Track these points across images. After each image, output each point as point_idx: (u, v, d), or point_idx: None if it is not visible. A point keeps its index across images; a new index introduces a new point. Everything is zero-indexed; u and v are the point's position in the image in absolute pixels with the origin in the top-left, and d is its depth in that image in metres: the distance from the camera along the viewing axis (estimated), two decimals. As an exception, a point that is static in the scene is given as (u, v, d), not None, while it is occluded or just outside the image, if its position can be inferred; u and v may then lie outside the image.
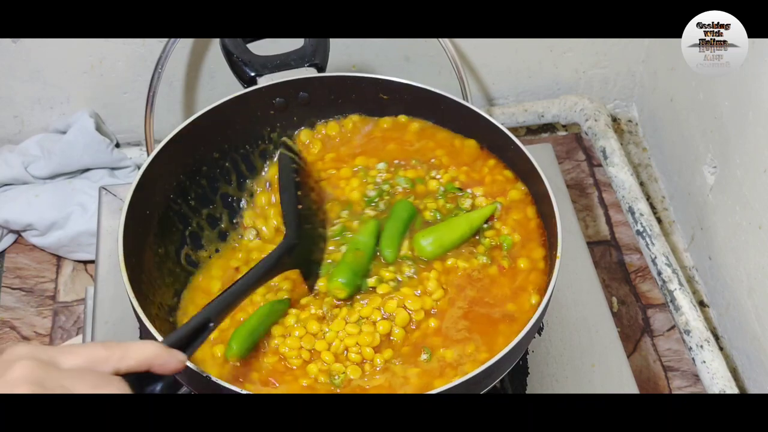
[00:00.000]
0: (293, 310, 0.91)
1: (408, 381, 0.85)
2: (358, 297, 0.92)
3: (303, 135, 1.07)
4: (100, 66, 1.46)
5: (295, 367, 0.87)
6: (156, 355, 0.64)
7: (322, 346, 0.88)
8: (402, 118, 1.07)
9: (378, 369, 0.87)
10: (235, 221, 1.03)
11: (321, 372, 0.86)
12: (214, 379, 0.77)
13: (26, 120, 1.52)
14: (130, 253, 0.89)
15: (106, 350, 0.61)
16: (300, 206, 0.95)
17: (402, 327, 0.89)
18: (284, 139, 1.03)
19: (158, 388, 0.65)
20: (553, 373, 1.04)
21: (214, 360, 0.87)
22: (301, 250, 0.91)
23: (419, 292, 0.91)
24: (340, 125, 1.07)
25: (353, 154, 1.05)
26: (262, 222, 1.02)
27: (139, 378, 0.62)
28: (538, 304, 0.87)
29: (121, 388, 0.60)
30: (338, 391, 0.85)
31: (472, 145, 1.04)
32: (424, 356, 0.87)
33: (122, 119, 1.54)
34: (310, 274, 0.93)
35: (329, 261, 0.96)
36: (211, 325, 0.75)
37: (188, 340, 0.72)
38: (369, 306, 0.90)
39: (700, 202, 1.43)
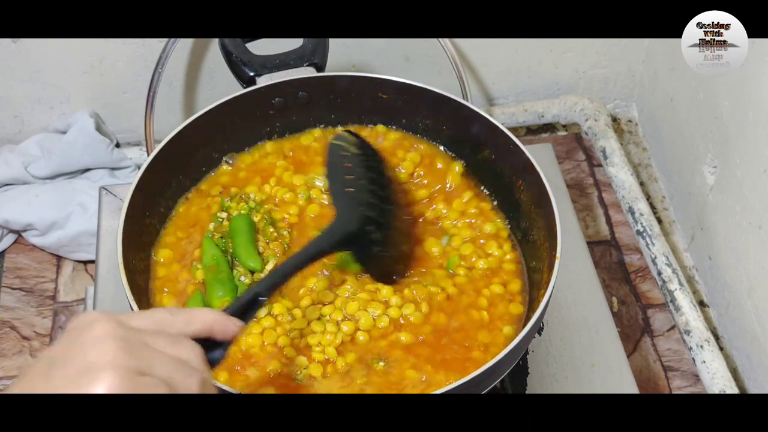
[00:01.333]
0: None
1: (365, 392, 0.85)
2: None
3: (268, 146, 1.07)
4: (100, 66, 1.46)
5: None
6: (216, 320, 0.66)
7: (285, 342, 0.88)
8: (380, 127, 1.08)
9: (339, 372, 0.87)
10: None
11: (283, 366, 0.87)
12: (212, 381, 0.77)
13: (26, 120, 1.52)
14: (130, 253, 0.89)
15: (172, 315, 0.63)
16: (350, 189, 0.94)
17: (367, 331, 0.89)
18: (339, 129, 1.03)
19: (218, 354, 0.66)
20: (553, 373, 1.04)
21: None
22: (352, 233, 0.90)
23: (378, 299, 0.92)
24: (313, 136, 1.08)
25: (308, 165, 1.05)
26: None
27: (201, 343, 0.64)
28: (513, 336, 0.85)
29: (194, 347, 0.62)
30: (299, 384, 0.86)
31: (455, 170, 1.04)
32: (381, 363, 0.87)
33: (122, 119, 1.54)
34: (370, 261, 0.93)
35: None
36: (262, 299, 0.76)
37: (242, 312, 0.73)
38: (329, 306, 0.91)
39: (700, 202, 1.43)
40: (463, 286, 0.94)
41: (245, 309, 0.74)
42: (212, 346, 0.66)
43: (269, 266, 0.94)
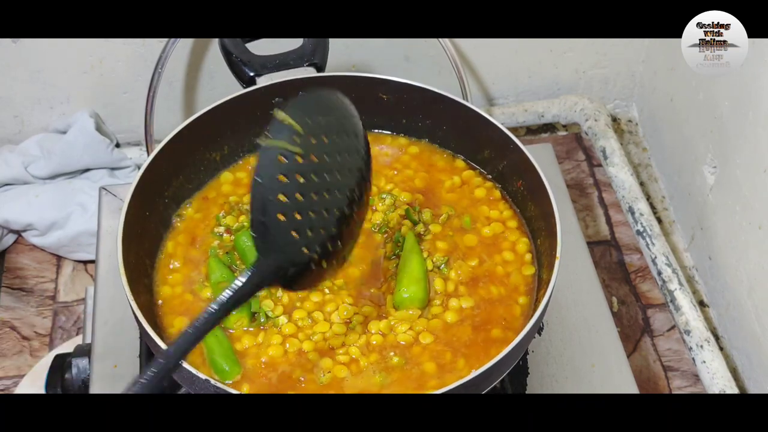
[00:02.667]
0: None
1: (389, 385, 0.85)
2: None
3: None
4: (100, 66, 1.46)
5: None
6: None
7: (309, 346, 0.87)
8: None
9: (363, 371, 0.86)
10: (235, 221, 1.03)
11: (306, 371, 0.86)
12: (213, 381, 0.77)
13: (26, 120, 1.52)
14: (130, 253, 0.89)
15: None
16: (283, 217, 0.73)
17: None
18: (275, 110, 0.78)
19: None
20: (553, 373, 1.04)
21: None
22: (277, 268, 0.73)
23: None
24: None
25: None
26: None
27: None
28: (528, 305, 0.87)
29: None
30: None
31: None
32: (395, 359, 0.87)
33: (122, 119, 1.55)
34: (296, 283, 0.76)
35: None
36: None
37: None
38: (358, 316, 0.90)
39: (700, 202, 1.43)
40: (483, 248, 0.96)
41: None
42: None
43: None
